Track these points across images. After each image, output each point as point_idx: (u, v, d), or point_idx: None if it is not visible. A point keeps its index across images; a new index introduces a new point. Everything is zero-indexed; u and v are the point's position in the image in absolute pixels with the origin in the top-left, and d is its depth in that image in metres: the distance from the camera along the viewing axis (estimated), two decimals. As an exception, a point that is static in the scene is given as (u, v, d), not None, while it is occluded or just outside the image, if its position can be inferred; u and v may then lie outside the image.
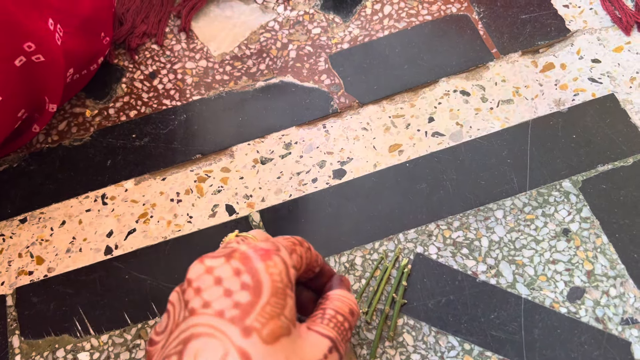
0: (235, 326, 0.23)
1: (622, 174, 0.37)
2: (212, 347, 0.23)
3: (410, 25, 0.43)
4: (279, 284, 0.25)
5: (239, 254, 0.25)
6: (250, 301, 0.24)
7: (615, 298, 0.33)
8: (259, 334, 0.23)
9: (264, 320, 0.24)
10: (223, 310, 0.24)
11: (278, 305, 0.24)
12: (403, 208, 0.37)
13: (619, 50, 0.41)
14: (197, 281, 0.25)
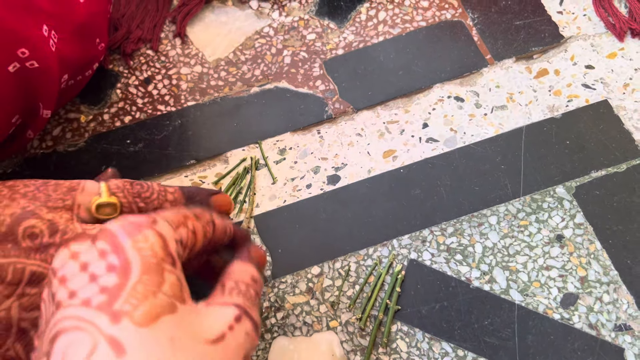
0: (103, 313, 0.21)
1: (616, 180, 0.37)
2: (79, 342, 0.20)
3: (405, 31, 0.43)
4: (151, 259, 0.22)
5: (104, 232, 0.23)
6: (117, 284, 0.21)
7: (609, 304, 0.33)
8: (130, 317, 0.21)
9: (136, 302, 0.21)
10: (89, 298, 0.21)
11: (152, 283, 0.22)
12: (397, 214, 0.37)
13: (613, 56, 0.41)
14: (62, 269, 0.22)
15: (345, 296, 0.35)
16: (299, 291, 0.35)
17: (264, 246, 0.36)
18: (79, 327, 0.21)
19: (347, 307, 0.34)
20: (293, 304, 0.35)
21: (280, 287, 0.35)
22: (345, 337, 0.33)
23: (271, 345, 0.33)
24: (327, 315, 0.34)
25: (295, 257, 0.36)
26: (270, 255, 0.36)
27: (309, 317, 0.34)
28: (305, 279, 0.35)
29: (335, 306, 0.34)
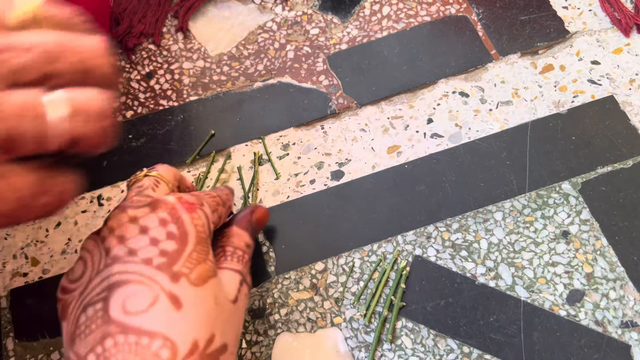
0: (164, 273, 0.24)
1: (622, 176, 0.36)
2: (141, 293, 0.23)
3: (409, 26, 0.43)
4: (202, 234, 0.26)
5: (166, 205, 0.26)
6: (177, 249, 0.25)
7: (615, 301, 0.33)
8: (188, 278, 0.24)
9: (192, 266, 0.25)
10: (150, 258, 0.24)
11: (203, 252, 0.25)
12: (401, 210, 0.36)
13: (619, 52, 0.41)
14: (120, 229, 0.25)
15: (350, 292, 0.34)
16: (302, 287, 0.35)
17: (267, 242, 0.36)
18: (141, 281, 0.24)
19: (351, 303, 0.34)
20: (297, 300, 0.34)
21: (284, 283, 0.35)
22: (350, 333, 0.33)
23: (275, 342, 0.33)
24: (331, 311, 0.34)
25: (299, 253, 0.36)
26: (274, 251, 0.36)
27: (313, 314, 0.34)
28: (309, 275, 0.35)
29: (339, 302, 0.34)
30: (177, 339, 0.23)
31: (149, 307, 0.23)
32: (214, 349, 0.24)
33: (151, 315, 0.23)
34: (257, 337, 0.33)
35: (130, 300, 0.23)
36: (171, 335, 0.23)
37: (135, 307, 0.23)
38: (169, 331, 0.23)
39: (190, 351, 0.23)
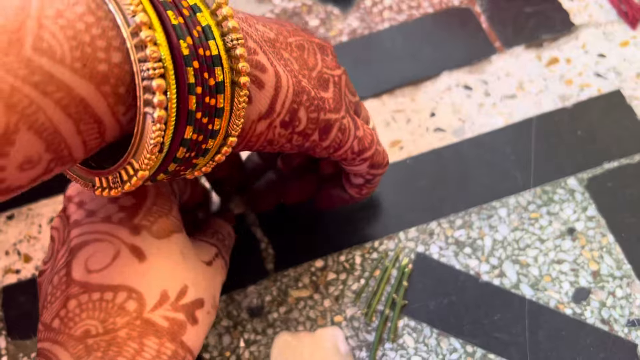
0: (124, 227, 0.24)
1: (629, 171, 0.36)
2: (102, 250, 0.23)
3: (411, 18, 0.42)
4: (163, 189, 0.25)
5: None
6: (135, 202, 0.24)
7: (622, 299, 0.33)
8: (149, 230, 0.24)
9: (152, 219, 0.24)
10: (109, 215, 0.24)
11: (165, 206, 0.25)
12: (403, 206, 0.36)
13: (625, 44, 0.40)
14: (78, 196, 0.25)
15: (350, 290, 0.34)
16: (302, 285, 0.34)
17: (266, 238, 0.35)
18: (102, 238, 0.24)
19: (352, 301, 0.33)
20: (296, 298, 0.34)
21: (282, 281, 0.34)
22: (351, 332, 0.32)
23: (274, 341, 0.32)
24: (332, 309, 0.33)
25: (298, 250, 0.35)
26: (273, 248, 0.35)
27: (313, 312, 0.33)
28: (308, 273, 0.34)
29: (339, 300, 0.33)
30: (144, 289, 0.23)
31: (110, 261, 0.23)
32: (188, 302, 0.24)
33: (113, 270, 0.23)
34: (255, 336, 0.33)
35: (92, 259, 0.23)
36: (136, 286, 0.23)
37: (97, 264, 0.23)
38: (134, 283, 0.23)
39: (159, 302, 0.23)
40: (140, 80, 0.18)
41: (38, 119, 0.16)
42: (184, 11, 0.19)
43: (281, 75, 0.22)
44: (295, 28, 0.26)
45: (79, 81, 0.17)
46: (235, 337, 0.33)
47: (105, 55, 0.17)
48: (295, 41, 0.25)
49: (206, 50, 0.19)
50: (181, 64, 0.18)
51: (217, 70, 0.19)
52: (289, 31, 0.25)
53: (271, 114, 0.22)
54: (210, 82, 0.19)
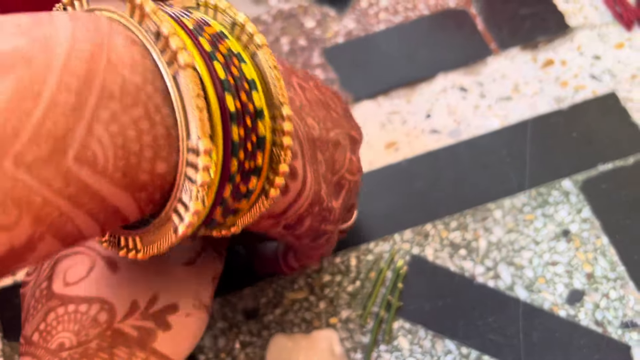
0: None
1: (623, 173, 0.36)
2: (80, 263, 0.24)
3: (407, 20, 0.42)
4: None
5: None
6: None
7: (615, 301, 0.33)
8: None
9: None
10: None
11: None
12: (398, 207, 0.36)
13: (620, 46, 0.40)
14: None
15: (346, 292, 0.34)
16: (297, 287, 0.34)
17: (261, 240, 0.35)
18: (80, 251, 0.24)
19: (347, 303, 0.33)
20: (291, 299, 0.34)
21: (278, 283, 0.34)
22: (346, 334, 0.33)
23: (269, 343, 0.32)
24: (327, 311, 0.33)
25: (294, 251, 0.35)
26: (268, 250, 0.35)
27: (308, 314, 0.33)
28: (304, 274, 0.34)
29: (335, 302, 0.33)
30: (115, 300, 0.23)
31: (86, 274, 0.23)
32: (157, 309, 0.24)
33: (88, 282, 0.23)
34: (251, 337, 0.33)
35: (69, 272, 0.23)
36: (108, 298, 0.23)
37: (74, 277, 0.23)
38: (107, 294, 0.23)
39: (129, 312, 0.23)
40: (181, 193, 0.17)
41: (65, 228, 0.16)
42: (246, 120, 0.18)
43: (307, 183, 0.22)
44: (341, 103, 0.26)
45: (116, 191, 0.16)
46: (231, 339, 0.33)
47: (149, 166, 0.16)
48: (335, 135, 0.25)
49: (251, 162, 0.19)
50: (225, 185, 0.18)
51: (253, 180, 0.19)
52: (333, 122, 0.25)
53: (281, 216, 0.22)
54: (241, 189, 0.19)
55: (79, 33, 0.16)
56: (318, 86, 0.26)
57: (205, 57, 0.17)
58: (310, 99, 0.24)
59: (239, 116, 0.18)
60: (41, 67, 0.14)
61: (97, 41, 0.16)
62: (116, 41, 0.16)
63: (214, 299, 0.33)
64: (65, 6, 0.19)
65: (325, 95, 0.26)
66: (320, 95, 0.26)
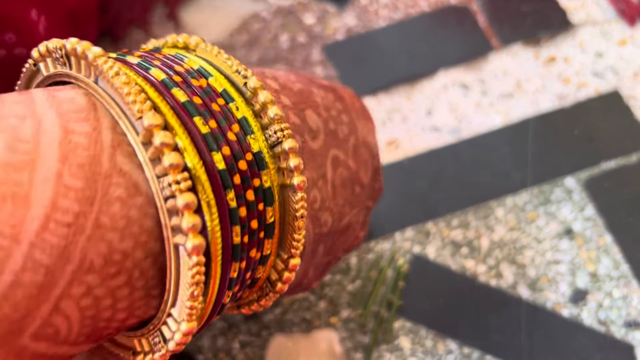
0: None
1: (626, 171, 0.36)
2: None
3: (408, 16, 0.42)
4: None
5: None
6: None
7: (619, 300, 0.32)
8: None
9: None
10: None
11: None
12: (399, 206, 0.35)
13: (623, 43, 0.40)
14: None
15: (346, 291, 0.33)
16: (297, 286, 0.34)
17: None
18: None
19: (347, 302, 0.33)
20: (291, 299, 0.33)
21: (277, 282, 0.34)
22: (346, 333, 0.32)
23: (268, 343, 0.32)
24: (327, 311, 0.33)
25: (294, 250, 0.35)
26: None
27: (308, 313, 0.33)
28: (303, 273, 0.34)
29: (335, 302, 0.33)
30: None
31: None
32: None
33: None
34: (250, 337, 0.32)
35: None
36: None
37: None
38: None
39: None
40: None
41: None
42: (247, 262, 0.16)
43: (292, 280, 0.20)
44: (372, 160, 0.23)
45: (76, 350, 0.14)
46: (230, 339, 0.32)
47: (119, 324, 0.14)
48: (348, 220, 0.22)
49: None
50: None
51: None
52: (354, 201, 0.22)
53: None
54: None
55: (67, 178, 0.12)
56: (357, 146, 0.22)
57: (223, 218, 0.14)
58: (339, 180, 0.21)
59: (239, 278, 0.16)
60: (6, 238, 0.12)
61: (87, 194, 0.13)
62: (114, 192, 0.13)
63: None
64: (36, 62, 0.16)
65: (359, 161, 0.22)
66: (354, 165, 0.22)
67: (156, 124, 0.14)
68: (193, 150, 0.14)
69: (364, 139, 0.24)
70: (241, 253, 0.15)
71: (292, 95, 0.20)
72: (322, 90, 0.22)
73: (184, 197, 0.13)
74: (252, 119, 0.16)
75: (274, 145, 0.16)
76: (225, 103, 0.16)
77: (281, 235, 0.17)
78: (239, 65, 0.17)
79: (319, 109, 0.20)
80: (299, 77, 0.22)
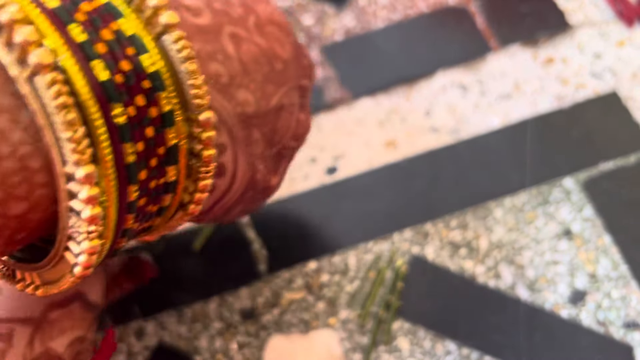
0: None
1: (625, 172, 0.36)
2: None
3: (407, 17, 0.42)
4: None
5: None
6: None
7: (618, 300, 0.32)
8: None
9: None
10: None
11: None
12: (398, 206, 0.35)
13: (621, 44, 0.40)
14: None
15: (344, 292, 0.33)
16: (295, 286, 0.34)
17: (259, 239, 0.35)
18: None
19: (346, 303, 0.33)
20: (289, 299, 0.33)
21: (275, 283, 0.34)
22: (344, 334, 0.32)
23: (266, 344, 0.32)
24: (325, 312, 0.33)
25: (292, 251, 0.35)
26: (266, 249, 0.35)
27: (306, 314, 0.33)
28: (302, 274, 0.34)
29: (333, 302, 0.33)
30: None
31: None
32: None
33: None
34: (248, 338, 0.32)
35: None
36: None
37: None
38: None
39: None
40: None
41: None
42: (145, 131, 0.15)
43: (238, 175, 0.20)
44: (289, 40, 0.22)
45: None
46: (227, 340, 0.32)
47: (19, 224, 0.14)
48: (278, 99, 0.21)
49: (160, 179, 0.16)
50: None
51: (166, 198, 0.16)
52: (277, 79, 0.21)
53: (205, 214, 0.20)
54: (150, 209, 0.16)
55: None
56: (260, 24, 0.21)
57: (76, 52, 0.13)
58: (247, 56, 0.20)
59: (133, 127, 0.14)
60: None
61: None
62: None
63: (211, 298, 0.33)
64: None
65: (269, 39, 0.21)
66: (263, 41, 0.21)
67: (17, 19, 0.12)
68: (72, 57, 0.13)
69: (270, 18, 0.22)
70: (137, 175, 0.15)
71: None
72: None
73: (62, 115, 0.13)
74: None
75: (161, 35, 0.15)
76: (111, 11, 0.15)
77: (189, 155, 0.16)
78: None
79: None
80: None
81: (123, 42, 0.14)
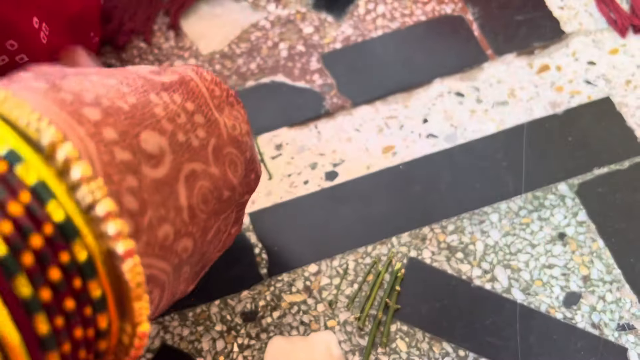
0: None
1: (619, 177, 0.36)
2: None
3: (404, 26, 0.42)
4: None
5: None
6: None
7: (612, 303, 0.33)
8: None
9: None
10: None
11: None
12: (396, 211, 0.36)
13: (615, 52, 0.40)
14: None
15: (344, 295, 0.34)
16: (295, 290, 0.34)
17: (260, 243, 0.36)
18: None
19: (345, 306, 0.33)
20: (290, 302, 0.34)
21: (276, 286, 0.34)
22: (344, 336, 0.33)
23: (267, 346, 0.33)
24: (325, 314, 0.33)
25: (292, 254, 0.35)
26: (267, 253, 0.35)
27: (306, 317, 0.33)
28: (302, 277, 0.34)
29: (333, 305, 0.34)
30: None
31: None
32: None
33: None
34: (249, 340, 0.33)
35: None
36: None
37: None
38: None
39: None
40: None
41: None
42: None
43: (163, 299, 0.19)
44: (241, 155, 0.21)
45: None
46: (229, 342, 0.33)
47: None
48: (217, 226, 0.20)
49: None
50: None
51: (76, 247, 0.14)
52: (213, 211, 0.20)
53: None
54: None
55: None
56: (219, 147, 0.20)
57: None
58: (198, 198, 0.19)
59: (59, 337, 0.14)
60: None
61: None
62: None
63: (213, 302, 0.34)
64: None
65: (225, 162, 0.20)
66: (217, 171, 0.20)
67: None
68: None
69: (230, 135, 0.21)
70: (58, 338, 0.13)
71: (121, 122, 0.16)
72: (166, 93, 0.19)
73: None
74: (54, 180, 0.13)
75: (89, 210, 0.14)
76: (10, 166, 0.13)
77: (120, 302, 0.15)
78: (30, 114, 0.14)
79: (161, 123, 0.18)
80: (135, 84, 0.18)
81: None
